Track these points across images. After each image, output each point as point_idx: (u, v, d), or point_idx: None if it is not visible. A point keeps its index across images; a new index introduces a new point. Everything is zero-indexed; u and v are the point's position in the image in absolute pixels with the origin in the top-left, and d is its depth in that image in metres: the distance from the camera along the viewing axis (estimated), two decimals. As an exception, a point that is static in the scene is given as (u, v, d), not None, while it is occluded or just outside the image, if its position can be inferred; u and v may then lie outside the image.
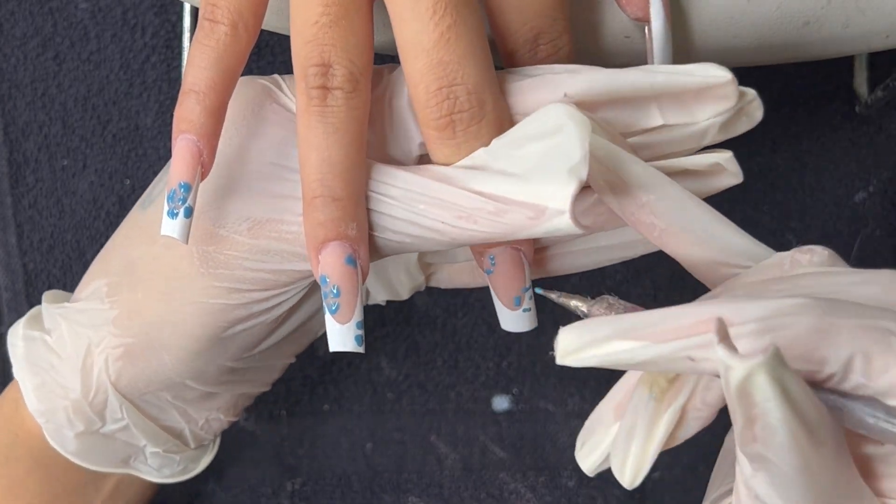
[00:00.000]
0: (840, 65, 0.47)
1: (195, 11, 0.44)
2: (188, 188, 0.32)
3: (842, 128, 0.48)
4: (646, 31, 0.34)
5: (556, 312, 0.37)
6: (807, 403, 0.24)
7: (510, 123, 0.32)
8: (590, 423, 0.31)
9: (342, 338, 0.32)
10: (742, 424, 0.24)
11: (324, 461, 0.49)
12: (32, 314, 0.40)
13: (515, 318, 0.36)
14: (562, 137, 0.30)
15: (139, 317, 0.36)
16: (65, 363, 0.38)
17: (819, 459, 0.24)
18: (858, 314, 0.25)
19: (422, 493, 0.49)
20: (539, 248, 0.37)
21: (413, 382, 0.48)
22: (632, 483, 0.29)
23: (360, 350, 0.32)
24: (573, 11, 0.34)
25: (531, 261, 0.36)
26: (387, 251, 0.33)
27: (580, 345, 0.26)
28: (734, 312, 0.25)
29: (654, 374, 0.28)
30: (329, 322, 0.32)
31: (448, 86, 0.31)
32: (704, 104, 0.31)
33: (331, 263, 0.32)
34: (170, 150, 0.33)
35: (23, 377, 0.38)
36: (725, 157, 0.32)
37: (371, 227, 0.32)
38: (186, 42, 0.45)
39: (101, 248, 0.39)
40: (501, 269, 0.35)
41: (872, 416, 0.25)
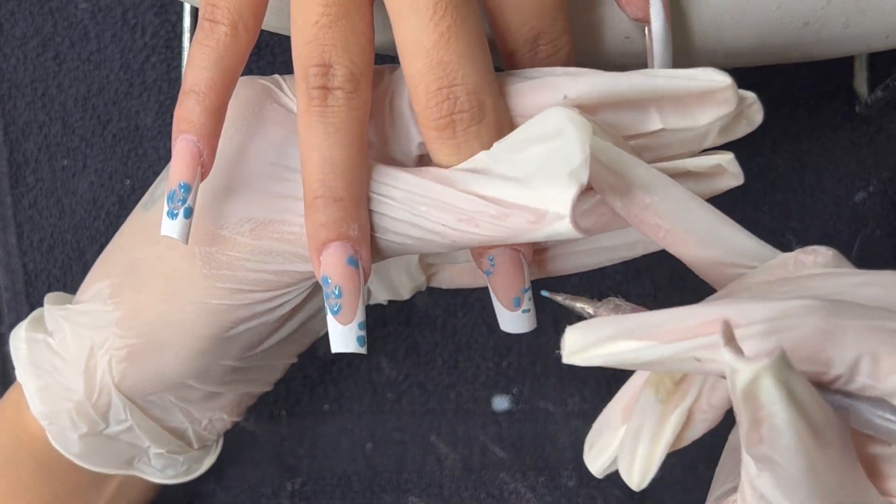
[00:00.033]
0: (840, 65, 0.47)
1: (195, 11, 0.44)
2: (188, 189, 0.32)
3: (842, 128, 0.48)
4: (646, 32, 0.34)
5: (556, 313, 0.37)
6: (812, 405, 0.24)
7: (510, 125, 0.32)
8: (597, 426, 0.31)
9: (344, 339, 0.32)
10: (748, 426, 0.24)
11: (324, 461, 0.49)
12: (34, 316, 0.40)
13: (514, 319, 0.36)
14: (562, 141, 0.30)
15: (142, 318, 0.36)
16: (68, 365, 0.38)
17: (825, 460, 0.24)
18: (864, 315, 0.25)
19: (422, 493, 0.49)
20: (539, 249, 0.37)
21: (413, 382, 0.48)
22: (639, 485, 0.29)
23: (363, 351, 0.32)
24: (573, 12, 0.34)
25: (530, 262, 0.36)
26: (388, 252, 0.33)
27: (586, 344, 0.26)
28: (740, 314, 0.25)
29: (661, 377, 0.28)
30: (331, 323, 0.32)
31: (448, 86, 0.31)
32: (704, 108, 0.31)
33: (332, 264, 0.32)
34: (170, 151, 0.32)
35: (26, 380, 0.38)
36: (727, 159, 0.32)
37: (373, 229, 0.32)
38: (186, 42, 0.45)
39: (102, 249, 0.39)
40: (501, 270, 0.35)
41: (880, 417, 0.25)
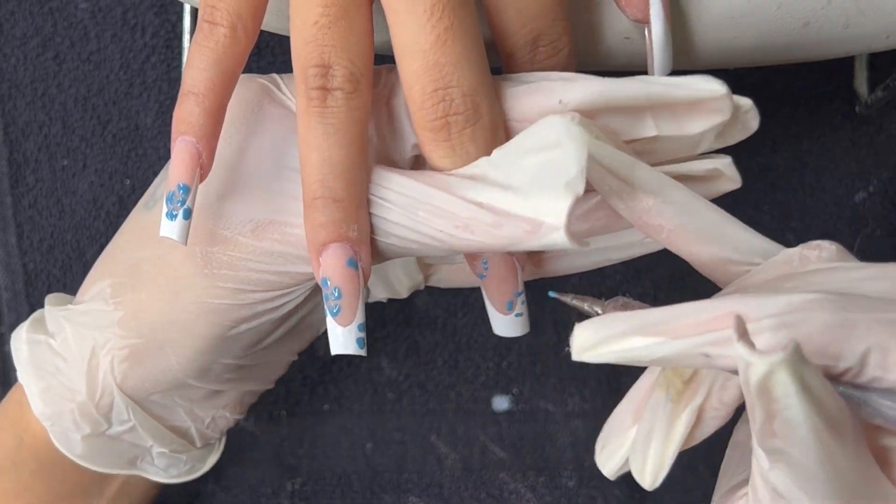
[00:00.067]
0: (840, 65, 0.47)
1: (195, 12, 0.44)
2: (187, 190, 0.32)
3: (842, 128, 0.48)
4: (646, 33, 0.34)
5: (557, 313, 0.37)
6: (827, 398, 0.24)
7: (505, 128, 0.32)
8: (608, 427, 0.31)
9: (344, 340, 0.32)
10: (762, 420, 0.24)
11: (324, 461, 0.49)
12: (35, 317, 0.39)
13: (508, 323, 0.36)
14: (560, 152, 0.29)
15: (144, 317, 0.36)
16: (70, 366, 0.38)
17: (840, 452, 0.24)
18: (873, 308, 0.25)
19: (422, 493, 0.49)
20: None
21: (413, 382, 0.48)
22: (652, 485, 0.29)
23: (362, 353, 0.32)
24: (573, 13, 0.34)
25: (524, 266, 0.36)
26: (388, 255, 0.33)
27: (596, 341, 0.26)
28: (750, 308, 0.25)
29: (670, 376, 0.28)
30: (330, 324, 0.32)
31: (444, 88, 0.31)
32: (699, 116, 0.31)
33: (332, 265, 0.32)
34: (170, 151, 0.33)
35: (28, 381, 0.38)
36: (724, 163, 0.32)
37: (372, 231, 0.32)
38: (186, 42, 0.45)
39: (102, 249, 0.39)
40: (494, 274, 0.35)
41: (891, 408, 0.25)
